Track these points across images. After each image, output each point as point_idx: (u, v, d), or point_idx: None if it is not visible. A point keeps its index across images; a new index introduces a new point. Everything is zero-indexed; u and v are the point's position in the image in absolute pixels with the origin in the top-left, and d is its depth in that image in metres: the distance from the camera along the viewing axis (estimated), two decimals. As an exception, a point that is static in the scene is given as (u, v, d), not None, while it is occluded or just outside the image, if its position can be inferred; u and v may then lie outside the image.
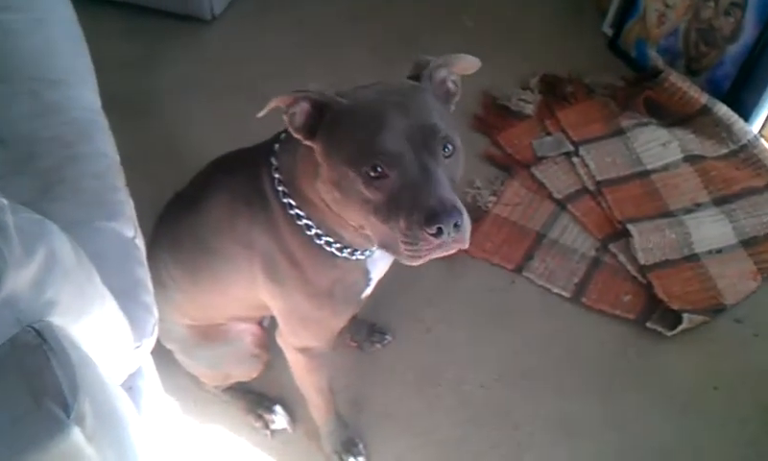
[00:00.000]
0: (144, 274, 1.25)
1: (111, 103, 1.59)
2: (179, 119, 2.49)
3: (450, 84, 1.23)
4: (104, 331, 0.95)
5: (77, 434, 0.72)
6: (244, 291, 1.45)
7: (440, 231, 1.03)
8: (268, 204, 1.30)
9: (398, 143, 1.07)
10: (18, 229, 0.74)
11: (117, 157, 1.42)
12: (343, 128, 1.12)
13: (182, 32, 2.79)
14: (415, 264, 1.11)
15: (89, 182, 1.29)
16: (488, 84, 2.55)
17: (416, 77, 1.21)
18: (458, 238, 1.06)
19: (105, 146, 1.39)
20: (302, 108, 1.15)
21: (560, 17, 2.86)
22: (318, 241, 1.28)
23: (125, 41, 2.75)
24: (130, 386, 1.21)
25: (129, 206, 1.33)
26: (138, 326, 1.16)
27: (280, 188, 1.28)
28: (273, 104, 1.14)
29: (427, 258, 1.08)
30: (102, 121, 1.46)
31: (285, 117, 1.16)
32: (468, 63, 1.23)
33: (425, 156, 1.08)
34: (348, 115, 1.13)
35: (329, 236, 1.27)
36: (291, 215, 1.27)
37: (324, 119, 1.15)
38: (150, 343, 1.20)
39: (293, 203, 1.27)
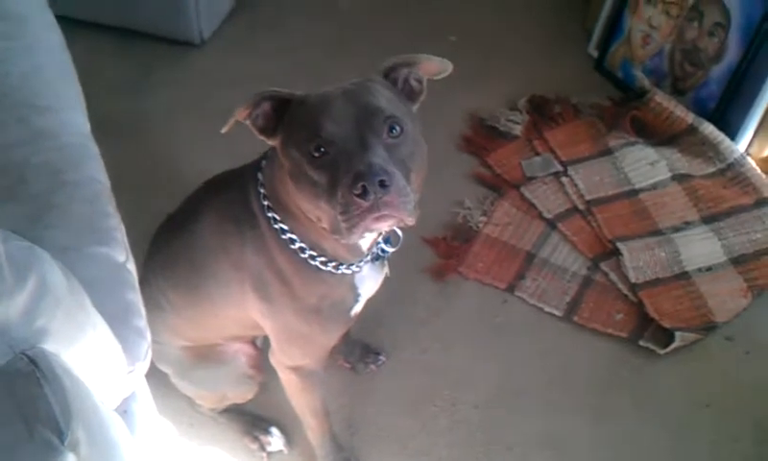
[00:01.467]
0: (136, 298, 1.24)
1: (102, 126, 1.59)
2: (170, 142, 2.49)
3: (413, 83, 1.25)
4: (96, 357, 0.95)
5: (70, 461, 0.72)
6: (236, 310, 1.45)
7: (365, 191, 1.03)
8: (256, 221, 1.31)
9: (339, 123, 1.10)
10: (9, 256, 0.74)
11: (108, 182, 1.41)
12: (295, 118, 1.17)
13: (172, 55, 2.80)
14: (353, 238, 1.11)
15: (80, 208, 1.28)
16: (475, 105, 2.57)
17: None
18: (389, 201, 1.05)
19: (95, 171, 1.39)
20: (263, 109, 1.20)
21: (546, 39, 2.89)
22: (302, 255, 1.29)
23: (115, 65, 2.76)
24: (124, 410, 1.21)
25: (120, 231, 1.32)
26: (131, 350, 1.15)
27: (265, 203, 1.29)
28: (235, 116, 1.19)
29: (363, 228, 1.08)
30: (92, 146, 1.46)
31: (248, 122, 1.20)
32: (435, 65, 1.23)
33: (367, 133, 1.10)
34: (300, 107, 1.18)
35: (313, 250, 1.28)
36: (276, 230, 1.28)
37: (283, 117, 1.19)
38: (143, 367, 1.20)
39: (277, 217, 1.28)
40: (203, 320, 1.54)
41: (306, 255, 1.29)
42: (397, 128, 1.12)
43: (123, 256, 1.28)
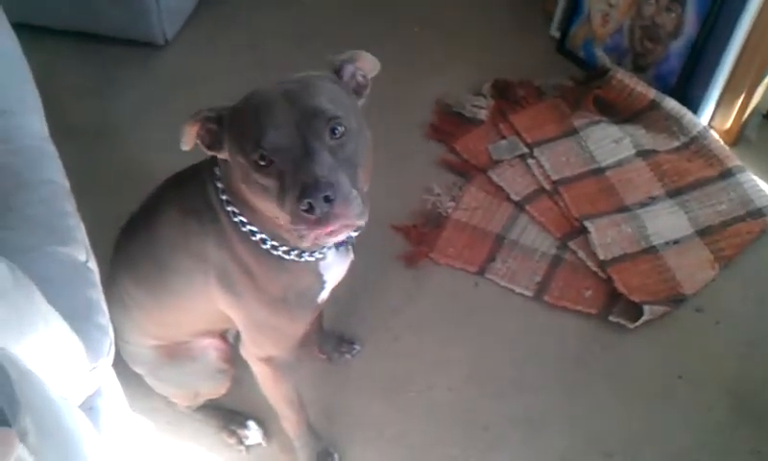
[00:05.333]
0: (98, 295, 1.24)
1: (66, 131, 1.58)
2: (136, 143, 2.48)
3: (360, 78, 1.25)
4: (51, 351, 0.94)
5: (19, 450, 0.72)
6: (203, 304, 1.45)
7: (311, 207, 1.03)
8: (216, 214, 1.31)
9: (280, 129, 1.10)
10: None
11: (66, 183, 1.41)
12: (237, 127, 1.16)
13: (136, 57, 2.78)
14: (307, 244, 1.13)
15: (37, 209, 1.28)
16: (441, 92, 2.58)
17: None
18: (338, 213, 1.06)
19: (52, 173, 1.39)
20: (205, 128, 1.20)
21: (508, 23, 2.90)
22: (264, 246, 1.28)
23: (77, 69, 2.73)
24: (90, 406, 1.20)
25: (80, 231, 1.32)
26: (93, 346, 1.15)
27: (224, 197, 1.29)
28: (184, 139, 1.20)
29: (316, 238, 1.09)
30: (50, 148, 1.46)
31: (198, 141, 1.21)
32: (368, 63, 1.25)
33: (309, 138, 1.09)
34: (239, 115, 1.17)
35: (274, 240, 1.28)
36: (236, 223, 1.28)
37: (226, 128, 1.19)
38: (107, 363, 1.20)
39: (236, 210, 1.28)
40: (168, 316, 1.53)
41: (268, 246, 1.29)
42: (340, 128, 1.11)
43: (83, 255, 1.28)
